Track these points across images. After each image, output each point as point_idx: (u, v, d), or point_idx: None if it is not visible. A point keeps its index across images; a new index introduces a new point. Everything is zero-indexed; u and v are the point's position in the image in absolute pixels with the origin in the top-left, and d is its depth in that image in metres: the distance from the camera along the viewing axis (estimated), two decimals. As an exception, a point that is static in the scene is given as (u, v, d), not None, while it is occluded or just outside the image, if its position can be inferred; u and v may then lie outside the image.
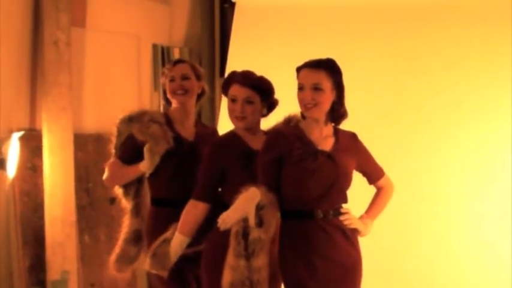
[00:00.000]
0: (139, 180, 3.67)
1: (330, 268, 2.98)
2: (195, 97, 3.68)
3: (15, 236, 4.57)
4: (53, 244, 4.58)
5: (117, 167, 3.62)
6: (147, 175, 3.59)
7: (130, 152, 3.57)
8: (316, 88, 3.03)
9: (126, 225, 3.72)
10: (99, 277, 4.95)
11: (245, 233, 2.93)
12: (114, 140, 3.68)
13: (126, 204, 3.73)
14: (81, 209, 4.89)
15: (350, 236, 3.10)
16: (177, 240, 3.24)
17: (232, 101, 3.26)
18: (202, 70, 3.73)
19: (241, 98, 3.24)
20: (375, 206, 3.31)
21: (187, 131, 3.63)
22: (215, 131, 3.87)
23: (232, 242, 2.94)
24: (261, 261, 2.93)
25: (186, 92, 3.60)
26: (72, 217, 4.69)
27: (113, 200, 5.07)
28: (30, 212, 4.62)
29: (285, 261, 3.02)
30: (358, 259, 3.11)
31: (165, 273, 3.29)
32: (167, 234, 3.30)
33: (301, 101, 3.07)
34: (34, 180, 4.65)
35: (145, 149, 3.52)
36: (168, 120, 3.60)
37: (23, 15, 4.63)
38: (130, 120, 3.61)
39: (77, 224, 4.81)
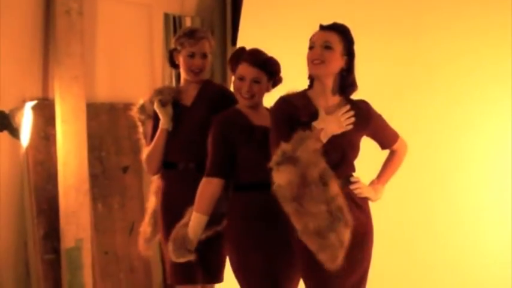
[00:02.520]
0: None
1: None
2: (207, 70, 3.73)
3: (30, 205, 4.61)
4: (66, 213, 4.62)
5: (148, 147, 3.68)
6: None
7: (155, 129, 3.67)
8: (327, 46, 3.01)
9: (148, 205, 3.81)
10: (113, 245, 5.00)
11: (323, 180, 2.89)
12: (140, 129, 3.77)
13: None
14: (94, 177, 4.92)
15: (361, 204, 3.10)
16: (196, 220, 3.24)
17: (240, 79, 3.27)
18: (213, 41, 3.74)
19: (249, 78, 3.26)
20: (386, 170, 3.29)
21: (188, 97, 3.66)
22: (222, 89, 3.84)
23: (314, 188, 2.87)
24: (334, 189, 2.91)
25: (203, 70, 3.63)
26: (86, 186, 4.73)
27: (125, 169, 5.11)
28: (44, 181, 4.66)
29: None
30: (369, 226, 3.12)
31: (192, 256, 3.29)
32: (184, 219, 3.32)
33: (309, 59, 3.03)
34: (47, 149, 4.67)
35: (155, 107, 3.60)
36: (177, 92, 3.68)
37: (35, -15, 4.64)
38: (143, 107, 3.72)
39: (90, 192, 4.84)
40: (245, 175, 3.22)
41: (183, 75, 3.68)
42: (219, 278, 3.61)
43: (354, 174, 3.14)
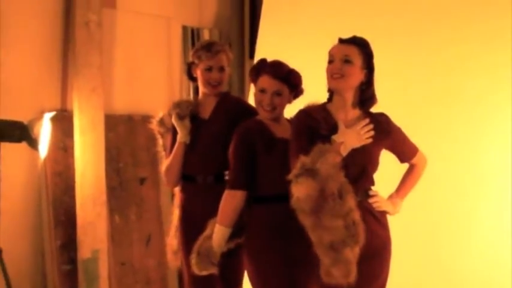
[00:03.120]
0: None
1: (361, 249, 2.97)
2: (226, 84, 3.74)
3: (47, 216, 4.62)
4: (84, 224, 4.63)
5: (167, 159, 3.70)
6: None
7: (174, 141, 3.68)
8: (346, 60, 3.00)
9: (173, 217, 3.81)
10: (130, 256, 5.00)
11: (340, 194, 2.88)
12: (160, 142, 3.80)
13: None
14: (111, 189, 4.92)
15: (379, 218, 3.09)
16: (220, 232, 3.24)
17: (261, 91, 3.26)
18: (232, 55, 3.75)
19: (271, 90, 3.24)
20: (405, 184, 3.28)
21: (206, 110, 3.66)
22: (240, 101, 3.88)
23: (331, 202, 2.86)
24: (351, 203, 2.90)
25: (221, 83, 3.63)
26: (103, 197, 4.73)
27: (142, 180, 5.12)
28: (61, 192, 4.67)
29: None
30: (387, 239, 3.11)
31: (215, 269, 3.30)
32: (207, 232, 3.31)
33: (329, 72, 3.03)
34: (65, 160, 4.69)
35: (173, 120, 3.61)
36: (196, 105, 3.68)
37: (54, -2, 4.68)
38: (162, 120, 3.75)
39: (108, 204, 4.85)
40: (266, 187, 3.20)
41: (201, 88, 3.68)
42: None
43: (373, 187, 3.13)
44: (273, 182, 3.17)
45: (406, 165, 3.34)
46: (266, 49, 5.23)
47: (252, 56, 5.79)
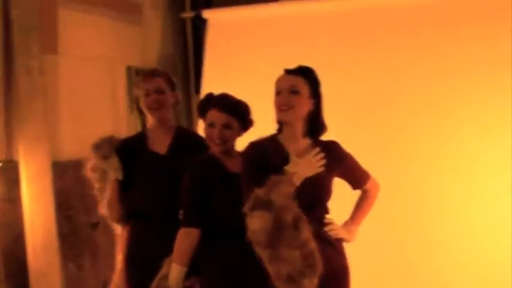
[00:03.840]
0: None
1: (320, 278, 2.96)
2: (171, 109, 3.67)
3: (-1, 269, 4.53)
4: (36, 274, 4.53)
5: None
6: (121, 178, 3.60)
7: None
8: (293, 91, 3.02)
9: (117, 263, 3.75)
10: (85, 305, 4.91)
11: (296, 224, 2.87)
12: (96, 186, 3.78)
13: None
14: (63, 237, 4.83)
15: (336, 245, 3.10)
16: (176, 271, 3.18)
17: (210, 125, 3.24)
18: (175, 79, 3.73)
19: (220, 124, 3.23)
20: (359, 211, 3.29)
21: (161, 144, 3.62)
22: (195, 136, 3.83)
23: (287, 233, 2.86)
24: (306, 233, 2.90)
25: (161, 106, 3.58)
26: (55, 245, 4.65)
27: (94, 226, 5.04)
28: (11, 244, 4.57)
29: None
30: (345, 267, 3.12)
31: None
32: (162, 271, 3.26)
33: (277, 105, 3.04)
34: (14, 211, 4.59)
35: (98, 163, 3.64)
36: (142, 137, 3.65)
37: (-7, 46, 4.60)
38: (94, 166, 3.75)
39: (60, 252, 4.75)
40: (221, 223, 3.17)
41: (147, 119, 3.65)
42: None
43: (327, 216, 3.13)
44: (229, 218, 3.14)
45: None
46: (212, 83, 5.25)
47: (198, 91, 5.80)
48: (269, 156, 3.04)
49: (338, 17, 5.03)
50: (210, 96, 3.33)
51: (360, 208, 3.30)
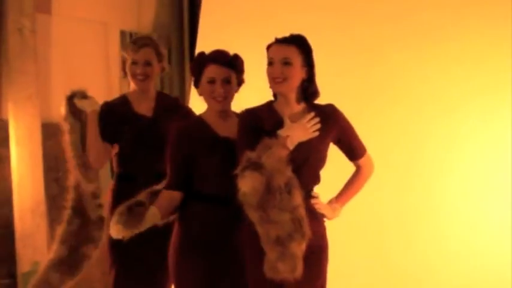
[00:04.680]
0: None
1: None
2: (154, 79, 3.68)
3: (-16, 229, 4.51)
4: (22, 236, 4.52)
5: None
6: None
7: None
8: (286, 62, 2.98)
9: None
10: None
11: (288, 188, 2.84)
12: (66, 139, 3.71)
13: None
14: (51, 199, 4.81)
15: (319, 218, 3.08)
16: (152, 213, 3.11)
17: (210, 82, 3.18)
18: (164, 50, 3.70)
19: (220, 78, 3.14)
20: (347, 190, 3.23)
21: (146, 107, 3.61)
22: (177, 101, 3.83)
23: (278, 196, 2.82)
24: (298, 199, 2.87)
25: (147, 77, 3.59)
26: (42, 208, 4.63)
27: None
28: (-1, 204, 4.56)
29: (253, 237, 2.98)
30: (325, 240, 3.09)
31: (128, 235, 3.10)
32: (141, 196, 3.19)
33: (270, 75, 3.00)
34: (2, 171, 4.57)
35: (78, 104, 3.59)
36: (125, 101, 3.62)
37: (-15, 3, 4.55)
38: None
39: (48, 214, 4.73)
40: (205, 186, 3.12)
41: (130, 83, 3.64)
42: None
43: (318, 185, 3.10)
44: (213, 182, 3.11)
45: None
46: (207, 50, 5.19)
47: (192, 58, 5.75)
48: (263, 121, 3.00)
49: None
50: (202, 53, 3.27)
51: (348, 187, 3.23)
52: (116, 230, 3.06)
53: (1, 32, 4.60)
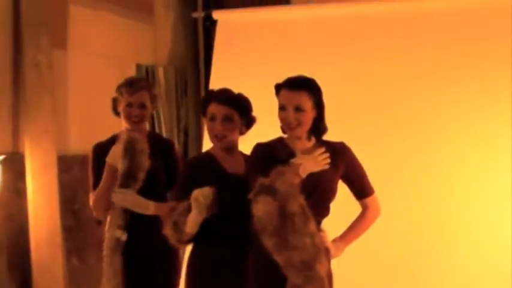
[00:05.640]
0: None
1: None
2: (147, 120, 3.83)
3: (1, 260, 4.56)
4: (39, 266, 4.58)
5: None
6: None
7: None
8: (298, 109, 3.06)
9: None
10: (88, 299, 4.94)
11: (305, 212, 2.89)
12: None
13: None
14: (68, 230, 4.88)
15: (327, 252, 3.09)
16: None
17: (211, 119, 3.24)
18: (156, 92, 3.84)
19: (220, 116, 3.21)
20: (352, 230, 3.25)
21: None
22: (169, 141, 3.98)
23: (296, 221, 2.86)
24: (313, 226, 2.91)
25: (141, 119, 3.70)
26: (58, 238, 4.69)
27: (100, 221, 5.07)
28: (16, 235, 4.62)
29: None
30: (330, 272, 3.10)
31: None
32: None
33: (284, 121, 3.10)
34: (19, 203, 4.64)
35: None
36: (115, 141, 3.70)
37: (3, 39, 4.65)
38: None
39: (65, 246, 4.80)
40: (213, 224, 3.13)
41: (123, 124, 3.73)
42: None
43: (327, 218, 3.14)
44: (221, 219, 3.12)
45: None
46: (219, 84, 5.23)
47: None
48: (276, 152, 3.08)
49: (346, 21, 5.04)
50: (210, 91, 3.36)
51: (354, 227, 3.26)
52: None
53: (18, 68, 4.71)
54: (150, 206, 3.53)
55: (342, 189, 3.22)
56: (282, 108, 3.09)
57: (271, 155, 3.06)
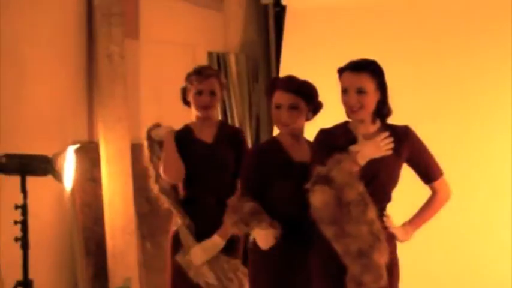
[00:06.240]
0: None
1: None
2: (217, 107, 3.85)
3: (78, 246, 4.68)
4: (114, 253, 4.68)
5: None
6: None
7: None
8: (360, 91, 3.02)
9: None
10: (162, 283, 5.00)
11: (364, 201, 2.88)
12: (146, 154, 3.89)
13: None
14: (142, 217, 4.97)
15: (391, 238, 3.07)
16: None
17: (277, 107, 3.24)
18: (224, 80, 3.85)
19: (286, 104, 3.21)
20: (422, 214, 3.20)
21: (207, 134, 3.73)
22: (239, 131, 3.96)
23: (352, 209, 2.86)
24: (373, 213, 2.90)
25: (212, 106, 3.72)
26: (132, 226, 4.78)
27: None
28: (91, 222, 4.73)
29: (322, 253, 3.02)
30: (396, 258, 3.08)
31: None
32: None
33: (346, 104, 3.05)
34: (94, 191, 4.75)
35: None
36: (188, 129, 3.75)
37: (77, 31, 4.75)
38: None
39: (139, 231, 4.88)
40: (278, 211, 3.15)
41: (194, 112, 3.75)
42: None
43: (389, 204, 3.11)
44: (287, 206, 3.14)
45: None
46: (289, 70, 5.23)
47: (278, 78, 5.81)
48: (337, 139, 3.05)
49: (417, 11, 4.97)
50: (275, 79, 3.36)
51: (423, 211, 3.21)
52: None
53: (92, 58, 4.81)
54: (218, 240, 3.56)
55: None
56: (344, 91, 3.06)
57: (333, 141, 3.04)
